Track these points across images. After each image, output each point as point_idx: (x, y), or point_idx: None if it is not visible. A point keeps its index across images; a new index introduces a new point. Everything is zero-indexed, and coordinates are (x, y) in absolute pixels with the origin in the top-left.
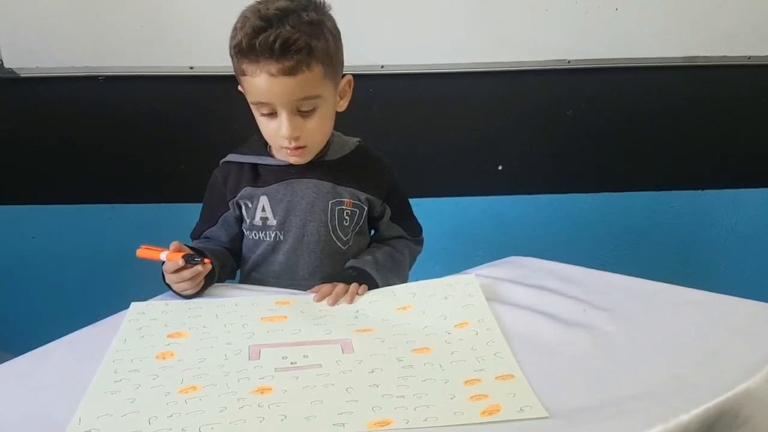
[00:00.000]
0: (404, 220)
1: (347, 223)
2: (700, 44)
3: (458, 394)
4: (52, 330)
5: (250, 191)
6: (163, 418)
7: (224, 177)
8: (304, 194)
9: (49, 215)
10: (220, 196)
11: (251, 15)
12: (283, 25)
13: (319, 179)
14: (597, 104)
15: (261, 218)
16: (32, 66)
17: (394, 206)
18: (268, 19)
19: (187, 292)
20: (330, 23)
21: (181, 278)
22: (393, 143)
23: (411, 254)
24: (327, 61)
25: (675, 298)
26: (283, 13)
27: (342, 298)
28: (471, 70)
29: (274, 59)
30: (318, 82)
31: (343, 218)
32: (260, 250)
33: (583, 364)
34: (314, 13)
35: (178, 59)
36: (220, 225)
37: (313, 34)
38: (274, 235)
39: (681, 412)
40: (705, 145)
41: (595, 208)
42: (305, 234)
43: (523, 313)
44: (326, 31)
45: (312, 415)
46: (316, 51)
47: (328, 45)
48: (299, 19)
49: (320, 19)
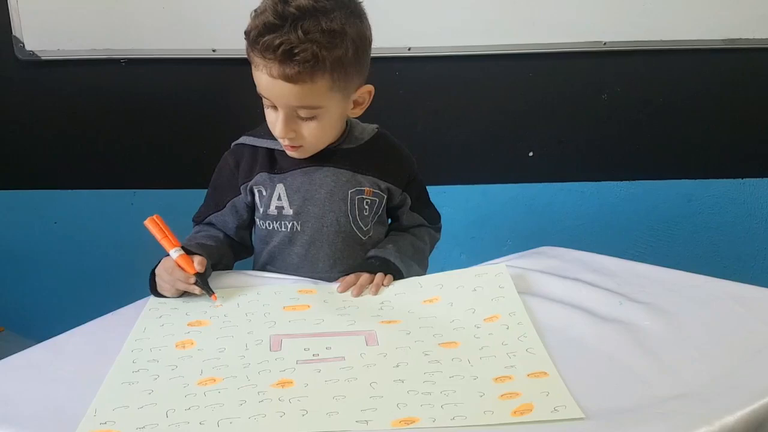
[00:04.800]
0: (424, 208)
1: (367, 212)
2: (741, 26)
3: (488, 391)
4: (74, 316)
5: (266, 177)
6: (181, 410)
7: (236, 160)
8: (323, 183)
9: (71, 200)
10: (231, 180)
11: (271, 6)
12: (295, 30)
13: (338, 167)
14: (633, 88)
15: (276, 207)
16: (54, 49)
17: (414, 195)
18: (283, 17)
19: (165, 293)
20: (356, 31)
21: (173, 283)
22: (419, 128)
23: (431, 242)
24: (338, 72)
25: (715, 291)
26: (302, 13)
27: (366, 289)
28: (501, 53)
29: (276, 62)
30: (320, 94)
31: (363, 207)
32: (275, 242)
33: (620, 362)
34: (341, 18)
35: (200, 42)
36: (228, 211)
37: (326, 45)
38: (291, 225)
39: (726, 413)
40: (745, 131)
41: (630, 196)
42: (324, 225)
43: (556, 306)
44: (347, 40)
45: (334, 411)
46: (325, 62)
47: (344, 56)
48: (317, 24)
49: (342, 28)
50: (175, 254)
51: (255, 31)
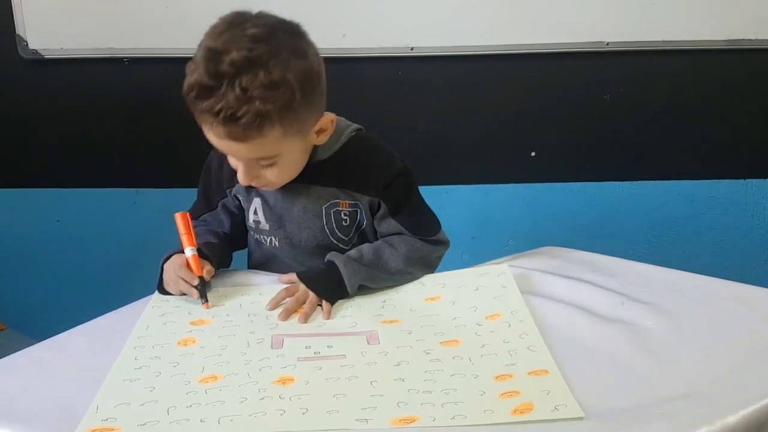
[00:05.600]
0: (407, 216)
1: (347, 222)
2: (744, 27)
3: (488, 390)
4: (76, 314)
5: (243, 188)
6: (182, 408)
7: (220, 162)
8: (296, 200)
9: (74, 199)
10: (217, 182)
11: (203, 63)
12: (233, 89)
13: (311, 183)
14: (635, 88)
15: (254, 221)
16: (57, 47)
17: (392, 202)
18: (218, 76)
19: (169, 290)
20: (299, 70)
21: (177, 281)
22: (421, 128)
23: (413, 251)
24: (288, 119)
25: (717, 291)
26: (237, 69)
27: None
28: (504, 53)
29: (220, 125)
30: (274, 144)
31: (341, 219)
32: (261, 251)
33: (621, 362)
34: (280, 64)
35: None
36: (221, 211)
37: (269, 98)
38: (269, 240)
39: (727, 413)
40: (747, 132)
41: (632, 196)
42: (302, 240)
43: (558, 306)
44: (292, 86)
45: (334, 409)
46: (271, 116)
47: (290, 102)
48: (255, 78)
49: (283, 76)
50: (189, 252)
51: (192, 92)
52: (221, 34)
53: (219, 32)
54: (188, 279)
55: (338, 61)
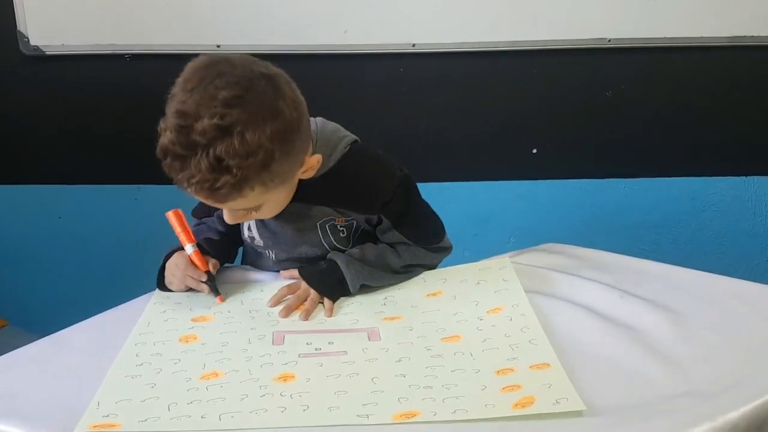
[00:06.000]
0: (410, 228)
1: (344, 233)
2: (746, 24)
3: (490, 384)
4: (77, 311)
5: None
6: (183, 404)
7: None
8: (289, 218)
9: (75, 195)
10: None
11: (173, 128)
12: (207, 158)
13: (304, 202)
14: (637, 85)
15: (249, 237)
16: (58, 44)
17: (394, 216)
18: (190, 146)
19: (172, 288)
20: (275, 129)
21: (183, 279)
22: (423, 125)
23: (417, 258)
24: (268, 176)
25: (718, 288)
26: (209, 140)
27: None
28: (506, 49)
29: (197, 191)
30: (257, 198)
31: (338, 231)
32: (259, 262)
33: (623, 359)
34: (253, 127)
35: (205, 37)
36: (218, 219)
37: (245, 165)
38: (266, 253)
39: (729, 410)
40: (749, 129)
41: (634, 193)
42: (300, 254)
43: (559, 303)
44: (268, 147)
45: (335, 405)
46: (250, 180)
47: (269, 162)
48: (229, 147)
49: (258, 141)
50: (191, 249)
51: (166, 159)
52: (192, 92)
53: (190, 89)
54: (196, 276)
55: (340, 57)
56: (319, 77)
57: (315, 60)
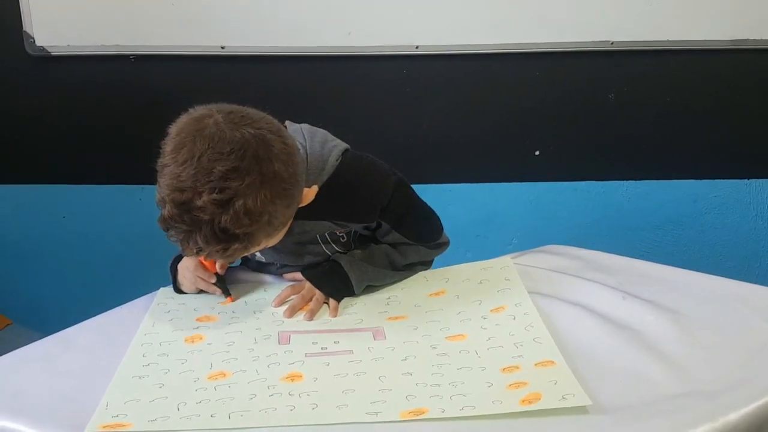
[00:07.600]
0: (409, 228)
1: (345, 239)
2: (749, 27)
3: (496, 382)
4: (82, 310)
5: None
6: (192, 404)
7: None
8: (289, 236)
9: (80, 195)
10: None
11: (172, 204)
12: (212, 231)
13: (301, 218)
14: (640, 88)
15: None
16: (63, 44)
17: (392, 219)
18: (193, 222)
19: (185, 289)
20: (276, 193)
21: (194, 280)
22: (426, 126)
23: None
24: (270, 230)
25: (718, 290)
26: (211, 216)
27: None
28: (509, 52)
29: (207, 257)
30: (262, 246)
31: (338, 237)
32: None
33: (624, 359)
34: (253, 194)
35: (209, 38)
36: None
37: (249, 230)
38: (271, 264)
39: (729, 410)
40: (751, 131)
41: (636, 196)
42: (303, 262)
43: (561, 304)
44: (271, 210)
45: (344, 404)
46: (255, 236)
47: (272, 220)
48: (234, 218)
49: (259, 207)
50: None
51: (169, 232)
52: (185, 165)
53: (182, 161)
54: (206, 278)
55: (344, 59)
56: (323, 78)
57: (319, 61)
